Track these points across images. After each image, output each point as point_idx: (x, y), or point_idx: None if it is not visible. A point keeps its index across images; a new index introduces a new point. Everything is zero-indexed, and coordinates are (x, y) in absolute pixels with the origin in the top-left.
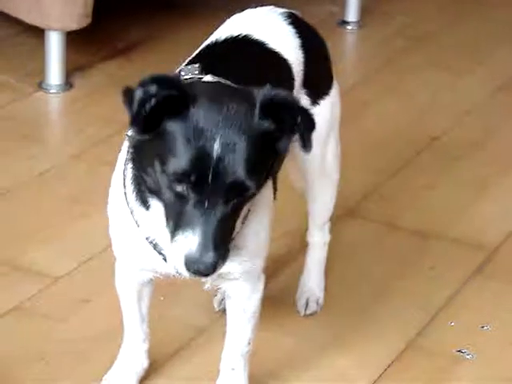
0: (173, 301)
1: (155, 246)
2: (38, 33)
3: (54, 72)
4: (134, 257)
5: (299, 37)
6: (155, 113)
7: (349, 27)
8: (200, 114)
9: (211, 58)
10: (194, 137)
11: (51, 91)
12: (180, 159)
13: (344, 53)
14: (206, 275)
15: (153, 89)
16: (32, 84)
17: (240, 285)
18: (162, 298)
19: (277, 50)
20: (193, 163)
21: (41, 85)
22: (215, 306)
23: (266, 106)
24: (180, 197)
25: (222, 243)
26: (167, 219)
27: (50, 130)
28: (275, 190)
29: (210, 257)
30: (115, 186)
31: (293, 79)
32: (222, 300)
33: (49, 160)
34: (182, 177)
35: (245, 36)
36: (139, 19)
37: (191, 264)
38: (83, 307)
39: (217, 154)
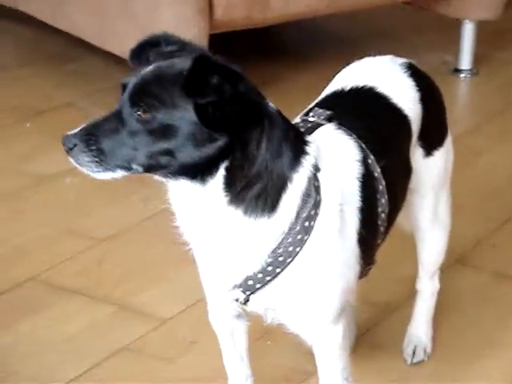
0: (279, 345)
1: None
2: None
3: None
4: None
5: (419, 90)
6: None
7: (462, 75)
8: None
9: (338, 107)
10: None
11: None
12: None
13: (457, 100)
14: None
15: None
16: None
17: (309, 330)
18: (268, 343)
19: (399, 106)
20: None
21: None
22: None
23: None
24: None
25: (85, 135)
26: None
27: None
28: (371, 260)
29: (71, 136)
30: None
31: (411, 135)
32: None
33: (162, 200)
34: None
35: (370, 88)
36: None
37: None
38: (190, 349)
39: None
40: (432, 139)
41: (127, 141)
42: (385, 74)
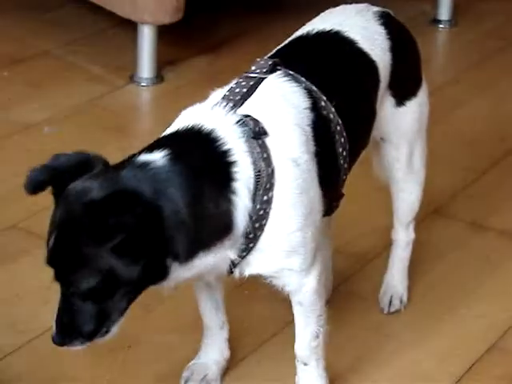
0: (257, 296)
1: None
2: (131, 26)
3: (146, 65)
4: None
5: (390, 39)
6: None
7: (441, 26)
8: None
9: (294, 53)
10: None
11: (142, 84)
12: None
13: (435, 52)
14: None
15: None
16: (123, 77)
17: (284, 280)
18: (246, 292)
19: (365, 51)
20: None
21: (132, 78)
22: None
23: None
24: None
25: (67, 326)
26: None
27: (140, 123)
28: (337, 196)
29: (56, 337)
30: None
31: (378, 81)
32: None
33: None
34: None
35: (336, 32)
36: (230, 15)
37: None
38: (169, 297)
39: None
40: (404, 89)
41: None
42: (356, 21)
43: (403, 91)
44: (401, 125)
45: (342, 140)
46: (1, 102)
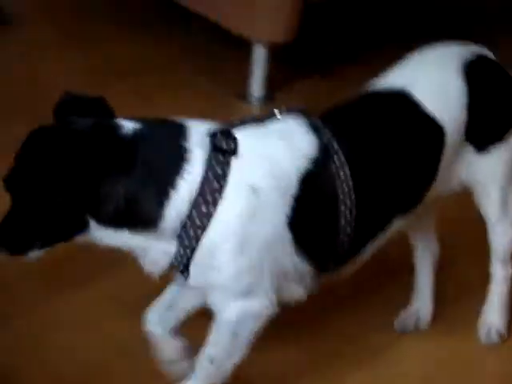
0: None
1: None
2: (244, 44)
3: (257, 84)
4: None
5: (470, 95)
6: None
7: None
8: None
9: (349, 109)
10: None
11: (253, 103)
12: None
13: None
14: None
15: None
16: (234, 94)
17: (210, 298)
18: None
19: (429, 115)
20: None
21: (243, 96)
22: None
23: None
24: None
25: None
26: None
27: None
28: (335, 256)
29: None
30: None
31: (441, 143)
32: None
33: None
34: None
35: (401, 94)
36: (342, 38)
37: None
38: None
39: None
40: (486, 138)
41: None
42: (432, 77)
43: (485, 140)
44: (487, 172)
45: (348, 202)
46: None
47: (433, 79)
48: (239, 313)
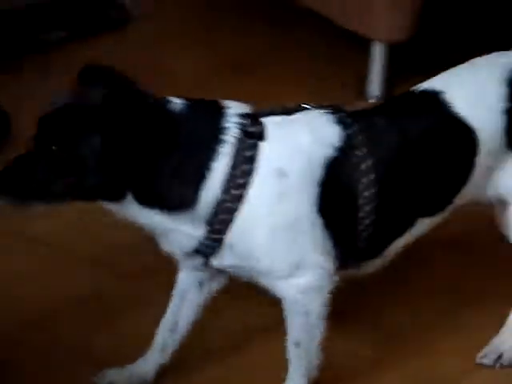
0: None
1: None
2: (363, 42)
3: (376, 82)
4: None
5: (509, 100)
6: None
7: None
8: None
9: (385, 106)
10: None
11: (371, 101)
12: None
13: None
14: None
15: None
16: (353, 92)
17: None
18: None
19: (461, 117)
20: None
21: (362, 94)
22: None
23: None
24: None
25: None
26: None
27: None
28: (353, 250)
29: None
30: None
31: (473, 146)
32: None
33: None
34: None
35: (435, 95)
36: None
37: None
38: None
39: None
40: None
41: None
42: (472, 84)
43: None
44: None
45: (366, 193)
46: None
47: (471, 84)
48: (298, 291)
